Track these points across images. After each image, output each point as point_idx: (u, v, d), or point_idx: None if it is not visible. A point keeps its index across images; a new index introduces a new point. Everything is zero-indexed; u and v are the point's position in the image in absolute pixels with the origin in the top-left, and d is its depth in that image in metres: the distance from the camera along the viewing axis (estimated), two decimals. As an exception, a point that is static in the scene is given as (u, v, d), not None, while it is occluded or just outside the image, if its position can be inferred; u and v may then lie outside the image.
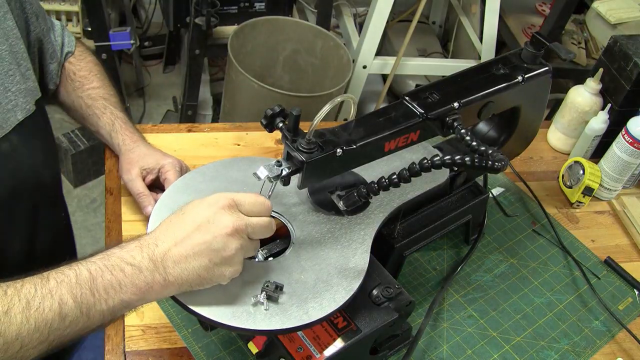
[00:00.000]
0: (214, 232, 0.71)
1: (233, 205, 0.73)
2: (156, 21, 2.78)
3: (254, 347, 0.84)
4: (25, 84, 0.96)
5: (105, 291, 0.69)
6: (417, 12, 2.11)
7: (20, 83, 0.95)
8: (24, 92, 0.95)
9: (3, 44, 0.92)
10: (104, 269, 0.70)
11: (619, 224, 1.27)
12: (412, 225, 1.00)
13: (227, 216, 0.72)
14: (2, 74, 0.92)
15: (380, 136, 0.81)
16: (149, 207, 1.03)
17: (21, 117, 0.95)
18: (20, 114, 0.95)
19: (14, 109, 0.94)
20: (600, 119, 1.28)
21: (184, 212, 0.74)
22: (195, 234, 0.71)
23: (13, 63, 0.94)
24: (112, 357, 0.90)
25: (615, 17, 2.20)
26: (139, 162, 1.07)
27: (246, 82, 1.88)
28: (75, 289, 0.68)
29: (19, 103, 0.94)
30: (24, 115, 0.95)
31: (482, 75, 0.93)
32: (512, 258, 1.14)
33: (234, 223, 0.72)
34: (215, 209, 0.72)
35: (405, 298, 0.85)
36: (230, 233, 0.71)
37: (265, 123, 0.80)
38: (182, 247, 0.71)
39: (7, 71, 0.92)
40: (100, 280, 0.69)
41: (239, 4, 2.20)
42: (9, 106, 0.93)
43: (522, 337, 1.02)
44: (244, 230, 0.73)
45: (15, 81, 0.94)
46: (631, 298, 1.12)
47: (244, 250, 0.74)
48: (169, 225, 0.74)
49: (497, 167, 0.73)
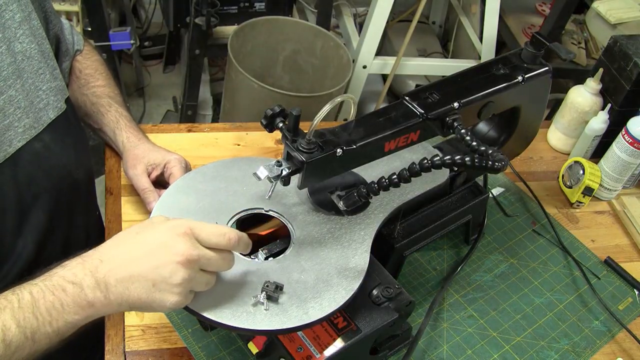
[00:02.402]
0: (165, 258, 0.68)
1: (190, 234, 0.70)
2: (156, 21, 2.78)
3: (254, 347, 0.84)
4: (55, 82, 0.96)
5: (49, 313, 0.67)
6: (417, 12, 2.11)
7: (51, 81, 0.95)
8: (54, 90, 0.96)
9: (32, 42, 0.92)
10: (46, 290, 0.68)
11: (619, 224, 1.27)
12: (412, 225, 1.00)
13: (182, 244, 0.69)
14: (32, 72, 0.93)
15: (380, 136, 0.81)
16: (153, 202, 1.03)
17: (53, 115, 0.96)
18: (52, 112, 0.96)
19: (45, 107, 0.95)
20: (600, 119, 1.28)
21: (138, 232, 0.72)
22: (145, 256, 0.69)
23: (42, 62, 0.94)
24: (112, 357, 0.90)
25: (615, 17, 2.20)
26: (145, 157, 1.07)
27: (246, 82, 1.88)
28: (17, 314, 0.66)
29: (50, 101, 0.95)
30: (55, 113, 0.96)
31: (482, 75, 0.93)
32: (512, 258, 1.14)
33: (185, 252, 0.68)
34: (171, 235, 0.69)
35: (405, 298, 0.85)
36: (181, 262, 0.68)
37: (265, 123, 0.80)
38: (129, 267, 0.68)
39: (37, 70, 0.93)
40: (42, 302, 0.67)
41: (239, 4, 2.20)
42: (41, 105, 0.94)
43: (522, 337, 1.02)
44: (196, 261, 0.69)
45: (45, 79, 0.94)
46: (631, 298, 1.12)
47: (192, 283, 0.70)
48: (120, 243, 0.72)
49: (497, 167, 0.73)
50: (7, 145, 0.90)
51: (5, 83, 0.88)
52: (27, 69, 0.92)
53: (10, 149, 0.90)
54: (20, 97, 0.90)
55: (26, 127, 0.92)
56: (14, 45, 0.90)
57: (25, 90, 0.91)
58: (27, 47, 0.92)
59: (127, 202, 1.11)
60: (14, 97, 0.90)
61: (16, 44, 0.90)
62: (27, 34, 0.92)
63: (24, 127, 0.91)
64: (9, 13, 0.89)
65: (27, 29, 0.92)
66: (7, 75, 0.88)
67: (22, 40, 0.91)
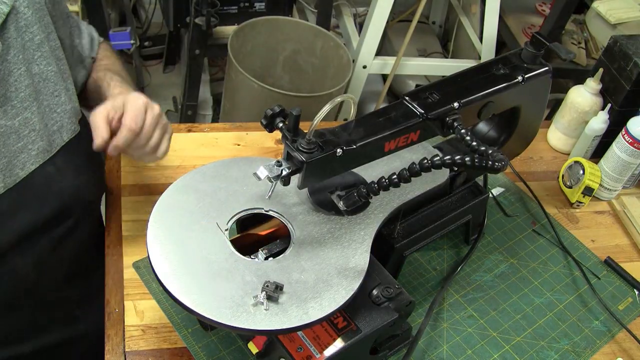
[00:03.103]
0: None
1: None
2: (156, 21, 2.78)
3: (254, 347, 0.84)
4: (70, 104, 0.96)
5: None
6: (417, 12, 2.11)
7: (66, 103, 0.95)
8: (69, 112, 0.95)
9: (49, 64, 0.92)
10: None
11: (619, 224, 1.27)
12: (412, 225, 1.00)
13: None
14: (48, 94, 0.92)
15: (380, 136, 0.81)
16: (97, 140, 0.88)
17: (67, 138, 0.95)
18: (66, 134, 0.95)
19: (59, 130, 0.94)
20: (600, 119, 1.28)
21: None
22: None
23: (59, 83, 0.94)
24: (112, 357, 0.90)
25: (615, 17, 2.20)
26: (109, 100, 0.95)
27: (246, 82, 1.88)
28: None
29: (64, 124, 0.95)
30: (69, 136, 0.96)
31: (482, 75, 0.93)
32: (512, 258, 1.14)
33: None
34: None
35: (405, 298, 0.85)
36: None
37: (265, 123, 0.80)
38: None
39: (52, 92, 0.93)
40: None
41: (239, 4, 2.20)
42: (55, 127, 0.93)
43: (522, 337, 1.02)
44: None
45: (60, 102, 0.94)
46: (631, 298, 1.12)
47: None
48: None
49: (497, 167, 0.73)
50: (19, 168, 0.90)
51: (22, 105, 0.88)
52: (44, 91, 0.91)
53: (22, 173, 0.90)
54: (35, 119, 0.90)
55: (39, 150, 0.91)
56: (32, 67, 0.90)
57: (40, 112, 0.91)
58: (45, 68, 0.91)
59: (127, 202, 1.11)
60: (30, 119, 0.89)
61: (34, 65, 0.90)
62: (45, 55, 0.91)
63: (38, 150, 0.91)
64: (29, 35, 0.89)
65: (46, 51, 0.91)
66: (25, 96, 0.88)
67: (40, 62, 0.91)
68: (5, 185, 0.89)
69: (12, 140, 0.88)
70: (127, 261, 1.02)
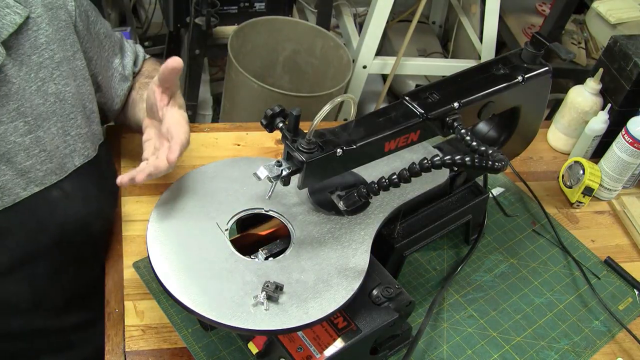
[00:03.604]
0: None
1: None
2: (156, 21, 2.77)
3: (254, 347, 0.84)
4: (87, 128, 0.93)
5: None
6: (417, 12, 2.11)
7: (82, 127, 0.92)
8: (84, 136, 0.92)
9: (69, 84, 0.90)
10: None
11: (619, 224, 1.27)
12: (412, 225, 1.00)
13: None
14: (63, 116, 0.89)
15: (380, 136, 0.81)
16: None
17: (79, 163, 0.92)
18: (78, 159, 0.92)
19: (71, 154, 0.91)
20: (600, 119, 1.28)
21: None
22: None
23: (77, 105, 0.91)
24: (112, 357, 0.90)
25: (615, 17, 2.20)
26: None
27: (246, 82, 1.88)
28: None
29: (77, 148, 0.92)
30: (82, 161, 0.92)
31: (482, 75, 0.93)
32: (512, 258, 1.14)
33: None
34: None
35: (405, 298, 0.85)
36: None
37: (265, 123, 0.80)
38: None
39: (68, 114, 0.90)
40: None
41: (239, 4, 2.20)
42: (67, 151, 0.90)
43: (522, 337, 1.02)
44: None
45: (75, 125, 0.91)
46: (631, 298, 1.12)
47: None
48: None
49: (497, 167, 0.73)
50: (21, 188, 0.87)
51: (35, 122, 0.86)
52: (58, 112, 0.89)
53: (24, 193, 0.87)
54: (47, 139, 0.88)
55: (47, 172, 0.88)
56: (49, 86, 0.87)
57: (52, 133, 0.88)
58: (62, 89, 0.89)
59: (127, 202, 1.11)
60: (42, 138, 0.87)
61: (51, 84, 0.88)
62: (64, 75, 0.89)
63: (45, 171, 0.88)
64: (49, 52, 0.87)
65: (66, 70, 0.89)
66: (38, 114, 0.86)
67: (58, 82, 0.88)
68: (2, 204, 0.85)
69: (20, 158, 0.86)
70: (127, 261, 1.02)
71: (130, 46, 1.09)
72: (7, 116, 0.84)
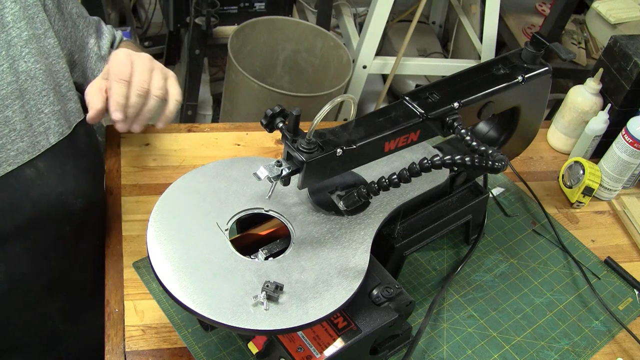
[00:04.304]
0: None
1: None
2: (156, 21, 2.78)
3: (254, 347, 0.84)
4: (61, 105, 0.92)
5: None
6: (417, 12, 2.11)
7: (55, 104, 0.91)
8: (57, 114, 0.91)
9: (38, 62, 0.89)
10: None
11: (619, 224, 1.27)
12: (412, 225, 1.00)
13: None
14: (35, 94, 0.88)
15: (380, 136, 0.81)
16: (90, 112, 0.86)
17: (54, 140, 0.91)
18: (53, 137, 0.91)
19: (45, 131, 0.90)
20: (600, 119, 1.28)
21: None
22: None
23: (48, 83, 0.90)
24: (112, 357, 0.90)
25: (615, 17, 2.20)
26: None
27: (246, 82, 1.88)
28: None
29: (51, 126, 0.90)
30: (57, 138, 0.91)
31: (482, 75, 0.93)
32: (512, 258, 1.14)
33: None
34: None
35: (405, 298, 0.85)
36: None
37: (265, 123, 0.80)
38: None
39: (40, 91, 0.89)
40: None
41: (239, 4, 2.20)
42: (41, 129, 0.89)
43: (522, 337, 1.02)
44: None
45: (49, 102, 0.90)
46: (631, 298, 1.12)
47: None
48: None
49: (497, 167, 0.73)
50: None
51: (3, 102, 0.85)
52: (30, 90, 0.88)
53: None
54: (17, 118, 0.86)
55: (19, 151, 0.87)
56: (19, 64, 0.87)
57: (24, 111, 0.87)
58: (32, 66, 0.88)
59: (127, 202, 1.11)
60: (10, 118, 0.86)
61: (21, 62, 0.87)
62: (33, 52, 0.88)
63: (17, 150, 0.87)
64: (16, 30, 0.86)
65: (35, 48, 0.88)
66: (6, 94, 0.85)
67: (28, 60, 0.88)
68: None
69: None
70: (127, 261, 1.02)
71: (108, 29, 1.09)
72: None
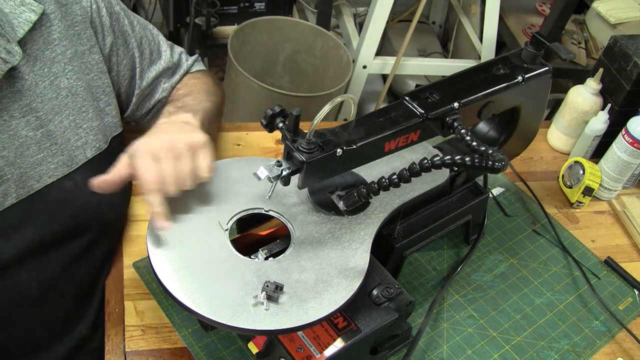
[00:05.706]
0: None
1: None
2: (156, 21, 2.77)
3: (254, 347, 0.84)
4: (99, 121, 0.95)
5: None
6: (417, 12, 2.11)
7: (93, 120, 0.94)
8: (95, 129, 0.94)
9: (80, 79, 0.91)
10: None
11: (619, 224, 1.27)
12: (412, 225, 1.00)
13: None
14: (74, 110, 0.91)
15: (380, 136, 0.81)
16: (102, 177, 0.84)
17: (90, 155, 0.94)
18: (90, 151, 0.94)
19: (83, 146, 0.93)
20: (600, 119, 1.28)
21: None
22: None
23: (88, 99, 0.93)
24: (112, 357, 0.90)
25: (615, 17, 2.20)
26: None
27: (246, 82, 1.88)
28: None
29: (89, 140, 0.93)
30: (93, 153, 0.94)
31: (482, 75, 0.93)
32: (512, 258, 1.14)
33: None
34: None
35: (405, 298, 0.85)
36: None
37: (265, 123, 0.80)
38: None
39: (80, 107, 0.92)
40: None
41: (239, 4, 2.20)
42: (79, 143, 0.92)
43: (522, 337, 1.02)
44: None
45: (87, 118, 0.93)
46: (631, 298, 1.12)
47: None
48: None
49: (497, 167, 0.73)
50: (35, 180, 0.88)
51: (46, 117, 0.88)
52: (70, 105, 0.91)
53: (37, 185, 0.89)
54: (58, 133, 0.89)
55: (59, 164, 0.90)
56: (61, 81, 0.89)
57: (64, 126, 0.90)
58: (74, 83, 0.91)
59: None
60: (53, 132, 0.89)
61: (63, 79, 0.89)
62: (76, 70, 0.91)
63: (57, 163, 0.90)
64: (61, 48, 0.89)
65: (78, 65, 0.91)
66: (49, 109, 0.88)
67: (70, 77, 0.90)
68: (17, 196, 0.88)
69: (32, 152, 0.88)
70: (127, 261, 1.02)
71: (174, 49, 1.10)
72: (19, 111, 0.86)
